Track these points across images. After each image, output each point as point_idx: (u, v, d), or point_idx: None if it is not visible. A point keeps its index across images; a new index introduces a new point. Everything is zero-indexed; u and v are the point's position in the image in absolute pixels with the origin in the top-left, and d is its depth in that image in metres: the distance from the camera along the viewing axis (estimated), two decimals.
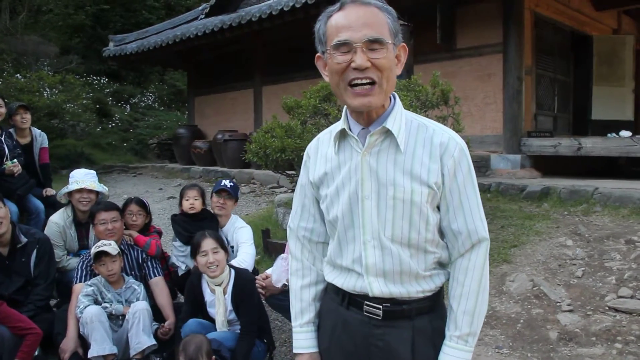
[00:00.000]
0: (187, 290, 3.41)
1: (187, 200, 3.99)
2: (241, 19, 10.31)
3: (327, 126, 5.57)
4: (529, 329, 3.59)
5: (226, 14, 12.82)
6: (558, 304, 3.81)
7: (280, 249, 5.14)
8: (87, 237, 4.02)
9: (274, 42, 11.82)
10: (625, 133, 7.69)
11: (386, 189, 1.51)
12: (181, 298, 4.07)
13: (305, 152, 1.75)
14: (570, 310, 3.71)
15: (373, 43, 1.45)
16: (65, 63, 16.34)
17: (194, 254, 3.35)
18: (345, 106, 1.61)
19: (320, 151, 1.67)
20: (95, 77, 17.74)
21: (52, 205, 4.75)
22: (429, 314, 1.58)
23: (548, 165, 7.81)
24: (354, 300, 1.59)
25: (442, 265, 1.61)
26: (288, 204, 6.91)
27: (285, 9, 9.36)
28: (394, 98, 1.59)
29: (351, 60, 1.46)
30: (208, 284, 3.34)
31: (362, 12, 1.47)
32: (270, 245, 5.30)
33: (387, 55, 1.47)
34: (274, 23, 9.94)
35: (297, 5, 9.14)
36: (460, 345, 1.53)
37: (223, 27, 10.66)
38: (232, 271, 3.36)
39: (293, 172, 5.86)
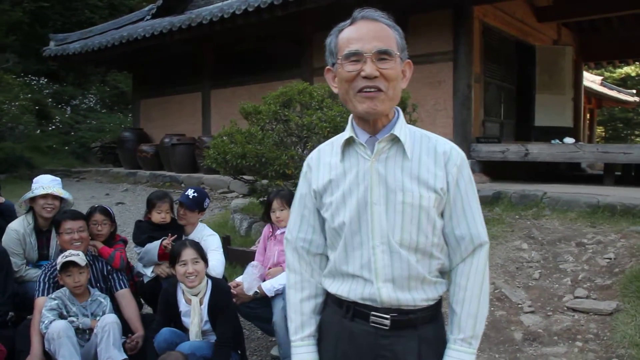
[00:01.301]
0: (162, 299, 3.32)
1: (159, 213, 3.87)
2: (191, 22, 10.14)
3: (287, 132, 5.55)
4: (494, 330, 3.70)
5: (174, 16, 12.60)
6: (520, 305, 3.95)
7: (241, 256, 5.10)
8: (48, 246, 3.83)
9: (223, 45, 11.70)
10: (569, 140, 8.05)
11: (395, 194, 1.55)
12: (147, 308, 3.97)
13: (305, 164, 1.75)
14: (531, 312, 3.85)
15: (382, 54, 1.53)
16: (1, 62, 15.65)
17: (172, 262, 3.27)
18: (350, 116, 1.65)
19: (323, 161, 1.69)
20: (33, 78, 17.04)
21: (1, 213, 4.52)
22: (431, 323, 1.62)
23: (496, 170, 8.06)
24: (359, 312, 1.60)
25: (442, 274, 1.65)
26: (244, 210, 6.86)
27: (237, 12, 9.28)
28: (398, 112, 1.64)
29: (361, 69, 1.52)
30: (184, 294, 3.26)
31: (373, 27, 1.56)
32: (231, 252, 5.23)
33: (394, 66, 1.55)
34: (225, 26, 9.84)
35: (250, 9, 9.08)
36: (464, 347, 1.58)
37: (172, 29, 10.47)
38: (209, 281, 3.30)
39: (252, 178, 5.82)
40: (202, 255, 3.27)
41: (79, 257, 3.27)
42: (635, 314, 3.54)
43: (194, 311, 3.19)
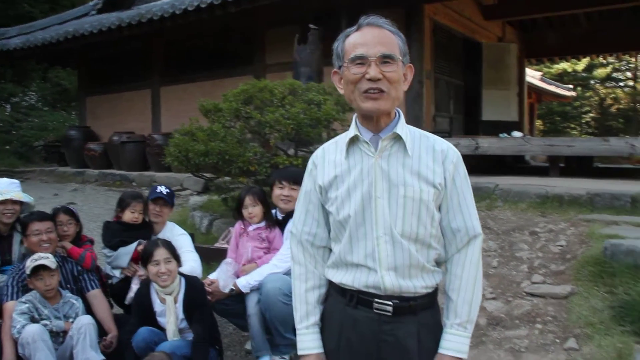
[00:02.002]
0: (136, 300, 3.31)
1: (132, 212, 3.83)
2: (141, 17, 9.96)
3: (249, 129, 5.58)
4: None
5: (121, 11, 12.34)
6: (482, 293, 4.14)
7: (206, 253, 5.10)
8: (10, 251, 3.72)
9: (174, 41, 11.56)
10: (517, 134, 8.40)
11: (397, 188, 1.67)
12: (116, 309, 3.93)
13: (310, 162, 1.86)
14: (493, 298, 4.05)
15: (385, 58, 1.65)
16: None
17: (144, 262, 3.26)
18: (354, 116, 1.76)
19: (327, 158, 1.80)
20: None
21: None
22: (429, 309, 1.75)
23: None
24: (363, 299, 1.71)
25: (438, 264, 1.78)
26: (204, 208, 6.84)
27: (189, 8, 9.19)
28: (399, 112, 1.76)
29: (365, 72, 1.65)
30: (158, 294, 3.26)
31: (377, 33, 1.68)
32: (196, 249, 5.23)
33: (396, 70, 1.67)
34: (177, 22, 9.72)
35: (202, 5, 9.01)
36: (460, 331, 1.71)
37: (122, 24, 10.26)
38: (183, 279, 3.32)
39: (214, 176, 5.81)
40: (175, 254, 3.29)
41: (49, 260, 3.22)
42: (588, 296, 3.79)
43: (169, 310, 3.20)
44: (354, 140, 1.74)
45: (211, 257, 4.97)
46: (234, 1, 8.61)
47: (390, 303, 1.68)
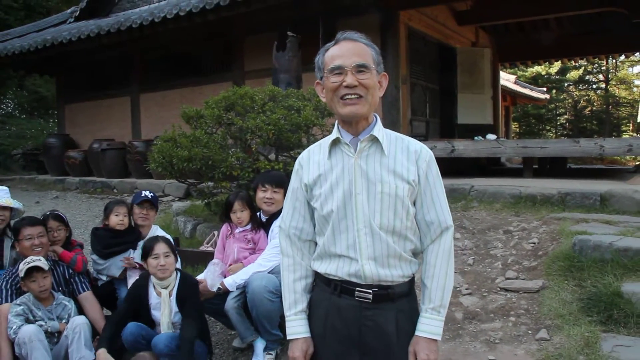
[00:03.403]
0: (133, 289, 3.44)
1: (117, 215, 3.96)
2: (121, 25, 10.01)
3: (230, 135, 5.69)
4: None
5: (98, 18, 12.39)
6: (458, 289, 4.31)
7: (191, 256, 5.22)
8: (2, 256, 3.81)
9: (153, 48, 11.62)
10: (491, 136, 8.63)
11: (375, 185, 1.85)
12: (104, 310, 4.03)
13: (296, 162, 2.03)
14: (469, 294, 4.22)
15: (360, 67, 1.83)
16: None
17: (145, 256, 3.41)
18: (336, 121, 1.94)
19: (312, 159, 1.97)
20: None
21: None
22: (407, 297, 1.93)
23: None
24: (345, 288, 1.88)
25: (415, 255, 1.95)
26: (187, 212, 6.94)
27: (168, 16, 9.27)
28: (376, 117, 1.94)
29: (343, 80, 1.82)
30: (155, 287, 3.40)
31: (352, 46, 1.87)
32: (180, 253, 5.33)
33: (371, 77, 1.85)
34: (156, 30, 9.80)
35: (182, 14, 9.10)
36: (434, 315, 1.88)
37: (101, 32, 10.29)
38: (178, 274, 3.46)
39: (197, 181, 5.92)
40: (173, 249, 3.47)
41: (42, 262, 3.34)
42: (558, 290, 3.98)
43: (164, 303, 3.35)
44: (335, 143, 1.92)
45: (196, 260, 5.08)
46: (213, 9, 8.72)
47: (370, 291, 1.85)
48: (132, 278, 3.81)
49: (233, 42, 10.60)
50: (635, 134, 24.19)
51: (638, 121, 22.02)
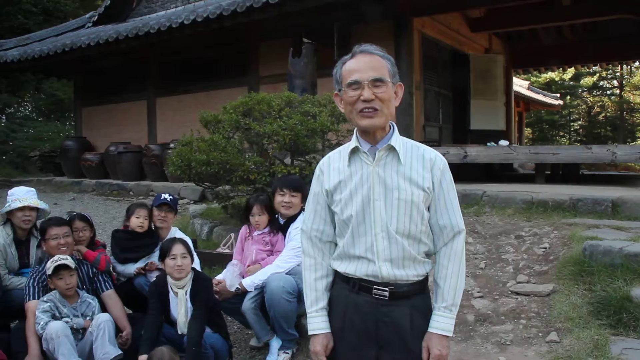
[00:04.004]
0: (154, 289, 3.56)
1: (137, 217, 4.09)
2: (139, 30, 10.20)
3: (247, 139, 5.83)
4: None
5: (116, 23, 12.61)
6: (470, 292, 4.40)
7: (208, 258, 5.34)
8: (28, 255, 3.96)
9: (169, 53, 11.80)
10: (504, 142, 8.70)
11: (392, 192, 1.96)
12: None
13: (317, 168, 2.15)
14: (480, 297, 4.31)
15: (376, 81, 1.94)
16: None
17: (163, 257, 3.53)
18: (355, 130, 2.05)
19: (332, 166, 2.09)
20: None
21: None
22: (421, 294, 2.04)
23: None
24: (363, 286, 2.00)
25: (428, 256, 2.06)
26: (204, 215, 7.07)
27: (186, 22, 9.44)
28: (393, 126, 2.05)
29: (360, 94, 1.93)
30: (171, 288, 3.53)
31: (368, 59, 1.97)
32: (198, 255, 5.47)
33: (387, 90, 1.96)
34: (173, 35, 9.97)
35: (199, 19, 9.27)
36: (446, 313, 1.99)
37: (119, 37, 10.48)
38: (192, 273, 3.59)
39: (214, 184, 6.05)
40: (190, 251, 3.58)
41: (69, 260, 3.47)
42: (568, 294, 4.06)
43: (181, 303, 3.47)
44: (354, 151, 2.03)
45: (213, 261, 5.22)
46: (230, 15, 8.88)
47: (386, 289, 1.97)
48: (152, 276, 3.95)
49: (248, 48, 10.76)
50: None
51: None
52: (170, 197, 4.30)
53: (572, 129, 29.50)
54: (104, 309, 3.66)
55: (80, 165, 12.20)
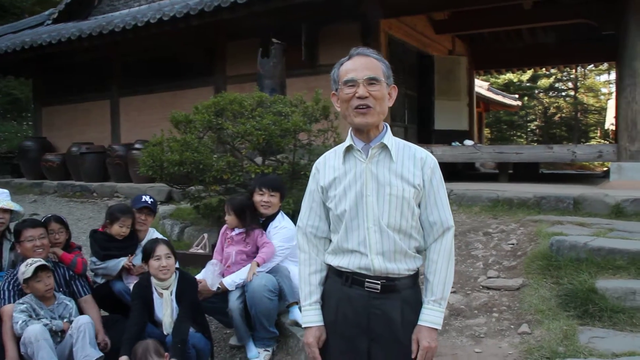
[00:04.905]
0: (137, 290, 3.53)
1: (121, 227, 4.02)
2: (102, 29, 10.05)
3: (219, 140, 5.80)
4: None
5: (77, 21, 12.37)
6: None
7: (182, 258, 5.32)
8: (1, 258, 3.86)
9: (133, 52, 11.62)
10: (469, 142, 8.92)
11: (384, 188, 2.04)
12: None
13: (314, 167, 2.22)
14: (454, 292, 4.43)
15: (371, 80, 2.03)
16: None
17: (146, 258, 3.51)
18: (350, 129, 2.13)
19: (328, 164, 2.17)
20: None
21: None
22: (411, 288, 2.12)
23: None
24: (356, 279, 2.07)
25: (419, 252, 2.14)
26: (174, 216, 7.03)
27: (152, 20, 9.35)
28: (386, 126, 2.14)
29: (355, 92, 2.02)
30: (156, 288, 3.51)
31: (364, 60, 2.07)
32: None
33: (380, 89, 2.04)
34: (138, 34, 9.86)
35: (165, 18, 9.20)
36: (436, 306, 2.08)
37: (82, 35, 10.29)
38: (177, 273, 3.58)
39: (186, 185, 6.02)
40: (173, 251, 3.58)
41: (44, 261, 3.43)
42: (537, 287, 4.22)
43: (166, 303, 3.47)
44: (349, 149, 2.11)
45: (187, 262, 5.20)
46: (197, 15, 8.84)
47: (378, 282, 2.04)
48: (130, 282, 3.90)
49: (215, 47, 10.70)
50: (602, 140, 24.91)
51: (605, 128, 22.69)
52: (151, 199, 4.28)
53: (529, 129, 30.27)
54: (80, 313, 3.60)
55: (41, 166, 11.88)
